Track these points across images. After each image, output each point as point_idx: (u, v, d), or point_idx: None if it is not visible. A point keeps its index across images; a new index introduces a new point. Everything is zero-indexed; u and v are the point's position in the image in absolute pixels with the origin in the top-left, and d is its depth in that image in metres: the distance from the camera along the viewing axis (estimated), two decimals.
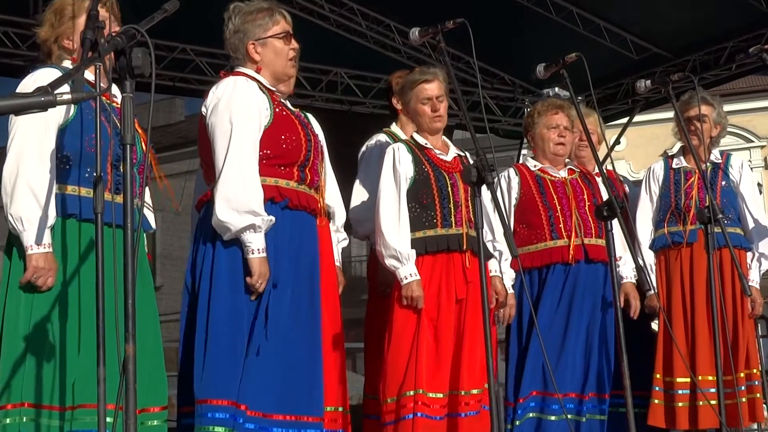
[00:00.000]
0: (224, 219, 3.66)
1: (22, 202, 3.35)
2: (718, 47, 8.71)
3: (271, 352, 3.68)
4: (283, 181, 3.82)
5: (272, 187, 3.79)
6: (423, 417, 4.29)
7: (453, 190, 4.53)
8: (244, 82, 3.83)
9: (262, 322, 3.67)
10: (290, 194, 3.81)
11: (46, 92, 2.09)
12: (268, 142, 3.80)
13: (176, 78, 8.73)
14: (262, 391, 3.65)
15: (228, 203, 3.66)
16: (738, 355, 5.16)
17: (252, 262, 3.66)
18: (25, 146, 3.40)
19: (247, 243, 3.67)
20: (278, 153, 3.81)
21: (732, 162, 5.46)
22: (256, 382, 3.64)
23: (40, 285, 3.37)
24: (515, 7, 8.32)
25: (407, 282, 4.37)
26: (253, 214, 3.65)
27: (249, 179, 3.70)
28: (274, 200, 3.78)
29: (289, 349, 3.73)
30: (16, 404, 3.33)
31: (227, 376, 3.63)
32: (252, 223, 3.65)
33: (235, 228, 3.66)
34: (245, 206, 3.65)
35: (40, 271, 3.36)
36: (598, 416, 4.92)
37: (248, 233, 3.66)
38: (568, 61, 4.45)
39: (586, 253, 4.97)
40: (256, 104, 3.79)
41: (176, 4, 3.00)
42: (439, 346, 4.41)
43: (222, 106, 3.78)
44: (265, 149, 3.79)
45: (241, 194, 3.66)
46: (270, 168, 3.80)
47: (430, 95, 4.58)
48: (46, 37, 3.66)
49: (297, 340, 3.76)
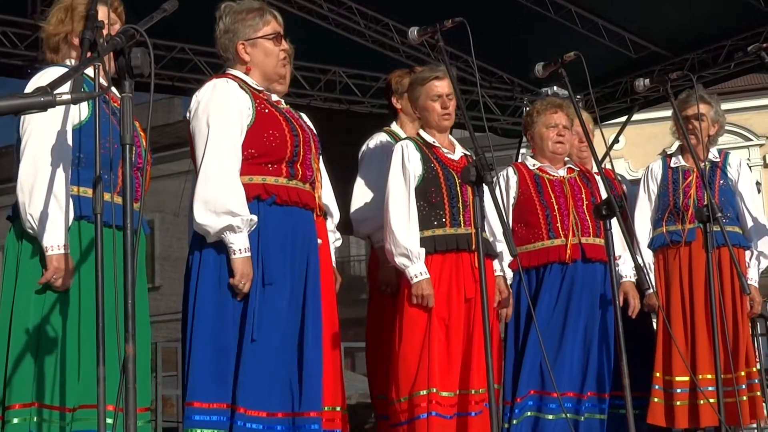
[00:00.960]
0: (202, 222, 3.66)
1: (41, 202, 3.35)
2: (717, 46, 8.71)
3: (269, 350, 3.67)
4: (271, 178, 3.80)
5: (258, 185, 3.77)
6: (437, 416, 4.28)
7: (462, 190, 4.52)
8: (223, 83, 3.82)
9: (251, 323, 3.66)
10: (278, 190, 3.80)
11: (45, 92, 2.09)
12: (252, 140, 3.79)
13: (175, 77, 8.72)
14: (261, 390, 3.64)
15: (206, 205, 3.65)
16: (738, 354, 5.16)
17: (234, 263, 3.65)
18: (43, 146, 3.39)
19: (229, 244, 3.65)
20: (263, 151, 3.80)
21: (730, 161, 5.47)
22: (254, 382, 3.63)
23: (58, 286, 3.37)
24: (514, 5, 8.32)
25: (417, 280, 4.36)
26: (231, 214, 3.63)
27: (227, 180, 3.68)
28: (260, 197, 3.76)
29: (288, 344, 3.72)
30: (26, 404, 3.34)
31: (213, 379, 3.63)
32: (230, 224, 3.63)
33: (213, 230, 3.65)
34: (223, 207, 3.63)
35: (60, 272, 3.36)
36: (597, 415, 4.92)
37: (228, 234, 3.64)
38: (566, 60, 4.45)
39: (584, 252, 4.97)
40: (235, 105, 3.78)
41: (175, 3, 3.00)
42: (450, 345, 4.41)
43: (201, 109, 3.78)
44: (249, 148, 3.78)
45: (218, 195, 3.65)
46: (256, 166, 3.79)
47: (441, 92, 4.58)
48: (55, 32, 3.63)
49: (296, 335, 3.75)
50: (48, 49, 3.67)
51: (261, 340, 3.66)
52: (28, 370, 3.35)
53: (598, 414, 4.92)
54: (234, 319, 3.69)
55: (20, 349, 3.37)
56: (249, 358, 3.64)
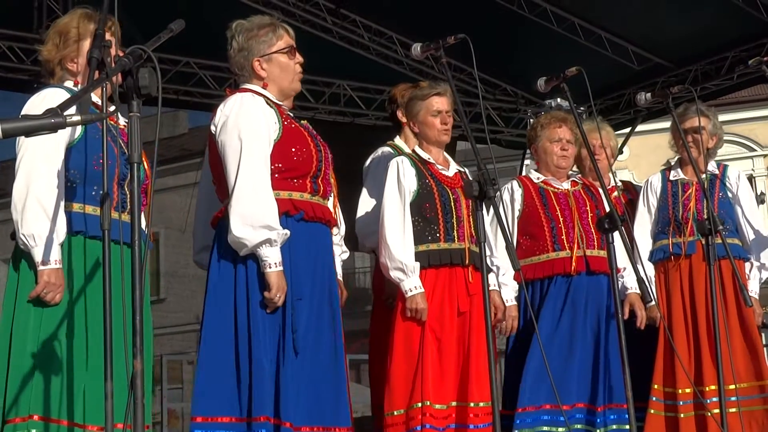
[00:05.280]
0: (240, 235, 3.67)
1: (33, 220, 3.39)
2: (720, 57, 8.72)
3: (297, 366, 3.69)
4: (297, 193, 3.83)
5: (286, 201, 3.80)
6: (431, 428, 4.31)
7: (456, 205, 4.56)
8: (250, 98, 3.85)
9: (290, 337, 3.69)
10: (305, 206, 3.83)
11: (56, 114, 2.12)
12: (279, 155, 3.81)
13: (180, 91, 8.77)
14: (292, 404, 3.65)
15: (243, 219, 3.67)
16: (760, 362, 5.17)
17: (269, 276, 3.67)
18: (35, 165, 3.43)
19: (264, 257, 3.67)
20: (290, 166, 3.83)
21: (729, 173, 5.48)
22: (297, 397, 3.66)
23: (48, 300, 3.41)
24: (517, 18, 8.34)
25: (411, 294, 4.40)
26: (268, 228, 3.66)
27: (262, 194, 3.71)
28: (289, 213, 3.79)
29: (313, 361, 3.75)
30: (24, 417, 3.35)
31: (224, 392, 3.66)
32: (268, 238, 3.65)
33: (251, 243, 3.67)
34: (260, 221, 3.66)
35: (50, 286, 3.39)
36: (615, 426, 4.91)
37: (264, 248, 3.66)
38: (568, 74, 4.47)
39: (588, 265, 4.99)
40: (264, 119, 3.81)
41: (182, 23, 3.02)
42: (442, 358, 4.44)
43: (231, 123, 3.79)
44: (277, 163, 3.80)
45: (255, 209, 3.67)
46: (283, 181, 3.82)
47: (441, 108, 4.64)
48: (50, 57, 3.68)
49: (320, 352, 3.78)
50: (46, 73, 3.73)
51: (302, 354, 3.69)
52: (27, 384, 3.37)
53: (615, 425, 4.91)
54: (269, 334, 3.70)
55: (19, 363, 3.39)
56: (292, 372, 3.66)
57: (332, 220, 3.97)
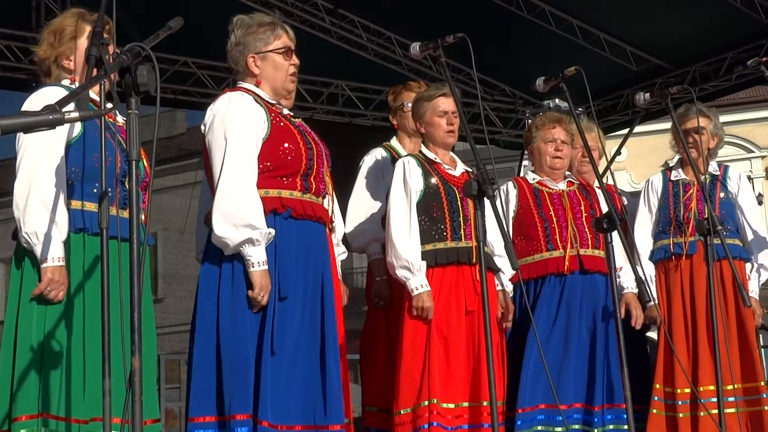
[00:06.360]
0: (221, 234, 3.67)
1: (35, 218, 3.40)
2: (718, 58, 8.73)
3: (286, 364, 3.69)
4: (286, 191, 3.83)
5: (275, 199, 3.80)
6: (438, 426, 4.31)
7: (462, 204, 4.56)
8: (238, 96, 3.85)
9: (269, 336, 3.68)
10: (294, 204, 3.82)
11: (54, 110, 2.12)
12: (268, 153, 3.81)
13: (178, 91, 8.78)
14: (280, 403, 3.66)
15: (225, 218, 3.67)
16: (755, 364, 5.17)
17: (253, 276, 3.67)
18: (36, 162, 3.44)
19: (247, 256, 3.67)
20: (279, 164, 3.82)
21: (730, 174, 5.48)
22: (274, 395, 3.65)
23: (52, 298, 3.42)
24: (516, 18, 8.35)
25: (418, 293, 4.40)
26: (250, 227, 3.65)
27: (246, 193, 3.71)
28: (276, 211, 3.79)
29: (304, 358, 3.75)
30: (32, 415, 3.37)
31: (216, 392, 3.67)
32: (249, 237, 3.65)
33: (233, 243, 3.66)
34: (242, 220, 3.65)
35: (53, 284, 3.40)
36: (612, 426, 4.91)
37: (247, 247, 3.66)
38: (567, 75, 4.48)
39: (582, 264, 4.99)
40: (251, 118, 3.80)
41: (180, 21, 3.03)
42: (449, 357, 4.44)
43: (217, 122, 3.80)
44: (265, 161, 3.81)
45: (237, 208, 3.67)
46: (272, 179, 3.82)
47: (447, 109, 4.64)
48: (45, 56, 3.69)
49: (311, 349, 3.78)
50: (42, 73, 3.73)
51: (279, 354, 3.68)
52: (33, 381, 3.39)
53: (612, 425, 4.91)
54: (251, 333, 3.70)
55: (24, 361, 3.40)
56: (270, 371, 3.66)
57: (327, 218, 3.96)
